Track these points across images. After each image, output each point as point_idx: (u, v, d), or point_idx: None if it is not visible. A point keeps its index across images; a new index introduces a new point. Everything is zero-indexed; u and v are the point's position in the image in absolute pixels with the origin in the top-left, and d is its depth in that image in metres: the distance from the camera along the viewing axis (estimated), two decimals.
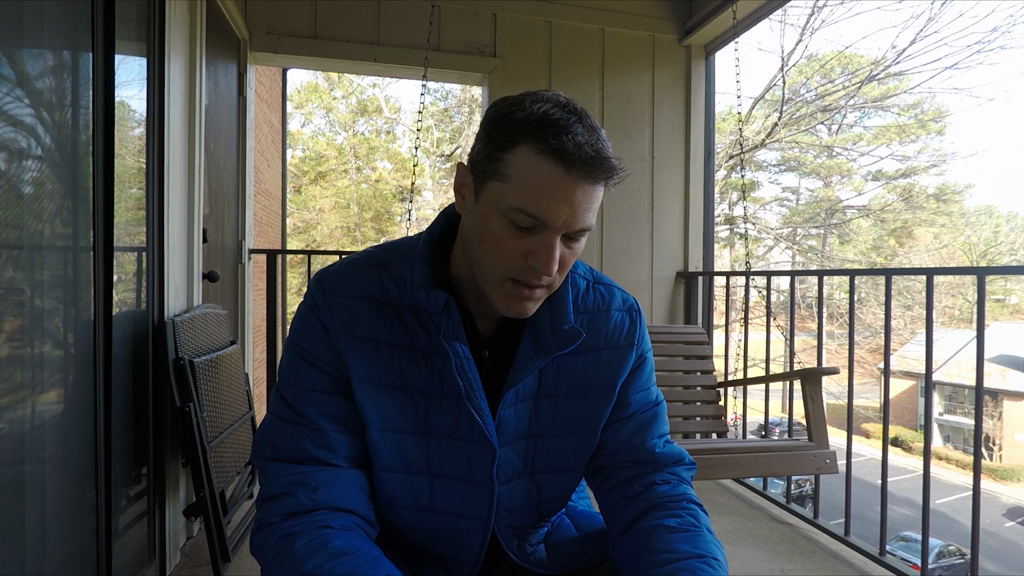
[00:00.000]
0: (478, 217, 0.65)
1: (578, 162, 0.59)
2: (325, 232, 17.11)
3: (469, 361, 0.68)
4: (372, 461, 0.70)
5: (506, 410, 0.71)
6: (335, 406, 0.68)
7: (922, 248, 21.18)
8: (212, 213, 2.27)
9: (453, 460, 0.70)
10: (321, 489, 0.65)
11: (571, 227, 0.61)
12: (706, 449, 1.73)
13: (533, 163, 0.59)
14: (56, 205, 1.19)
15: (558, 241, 0.62)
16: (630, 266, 3.18)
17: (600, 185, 0.62)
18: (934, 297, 1.89)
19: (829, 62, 17.99)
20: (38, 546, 1.08)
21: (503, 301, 0.66)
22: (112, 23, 1.32)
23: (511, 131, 0.61)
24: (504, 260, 0.63)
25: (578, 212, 0.61)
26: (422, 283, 0.67)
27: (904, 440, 17.23)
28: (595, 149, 0.59)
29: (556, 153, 0.58)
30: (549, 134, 0.59)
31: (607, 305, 0.77)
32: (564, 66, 3.10)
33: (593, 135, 0.60)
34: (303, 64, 3.09)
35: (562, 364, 0.73)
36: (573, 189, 0.60)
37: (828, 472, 1.77)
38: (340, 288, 0.69)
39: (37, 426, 1.11)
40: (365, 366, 0.68)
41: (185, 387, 1.65)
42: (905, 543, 9.85)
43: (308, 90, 17.48)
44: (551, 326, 0.71)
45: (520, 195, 0.60)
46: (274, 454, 0.68)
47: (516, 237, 0.62)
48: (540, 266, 0.62)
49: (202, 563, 1.81)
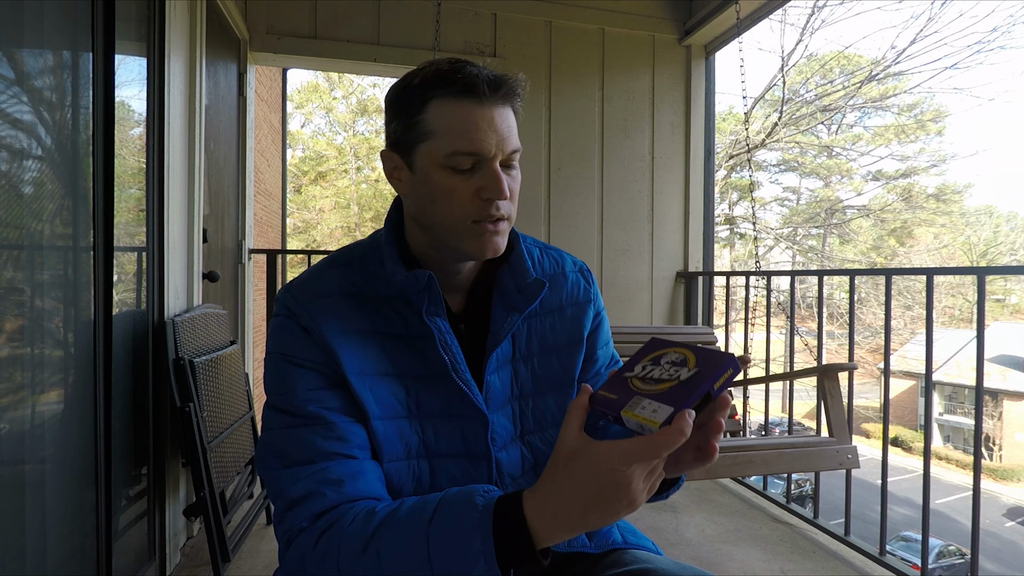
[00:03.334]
0: (422, 183, 0.68)
1: (486, 89, 0.65)
2: (325, 232, 17.12)
3: (451, 335, 0.70)
4: (378, 454, 0.70)
5: (491, 376, 0.72)
6: (337, 400, 0.67)
7: (922, 248, 21.18)
8: (212, 213, 2.27)
9: (449, 438, 0.71)
10: (347, 482, 0.63)
11: (504, 151, 0.66)
12: (732, 447, 1.72)
13: (448, 108, 0.65)
14: (56, 205, 1.19)
15: (499, 168, 0.67)
16: (630, 266, 3.18)
17: (509, 106, 0.68)
18: (934, 297, 1.89)
19: (829, 62, 18.00)
20: (38, 546, 1.08)
21: (475, 245, 0.68)
22: (112, 23, 1.32)
23: (418, 94, 0.66)
24: (461, 206, 0.67)
25: (504, 135, 0.66)
26: (397, 266, 0.70)
27: (904, 440, 17.22)
28: (493, 75, 0.66)
29: (464, 90, 0.65)
30: (452, 79, 0.65)
31: (562, 268, 0.82)
32: (564, 66, 3.10)
33: (485, 68, 0.66)
34: (303, 64, 3.09)
35: (532, 326, 0.77)
36: (491, 115, 0.65)
37: (851, 466, 1.81)
38: (312, 290, 0.71)
39: (37, 426, 1.11)
40: (356, 358, 0.68)
41: (185, 387, 1.65)
42: (905, 543, 9.85)
43: (308, 90, 17.49)
44: (515, 285, 0.74)
45: (450, 140, 0.65)
46: (285, 463, 0.65)
47: (462, 180, 0.66)
48: (494, 194, 0.66)
49: (202, 563, 1.81)
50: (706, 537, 2.13)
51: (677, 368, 0.54)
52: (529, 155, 3.06)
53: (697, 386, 0.51)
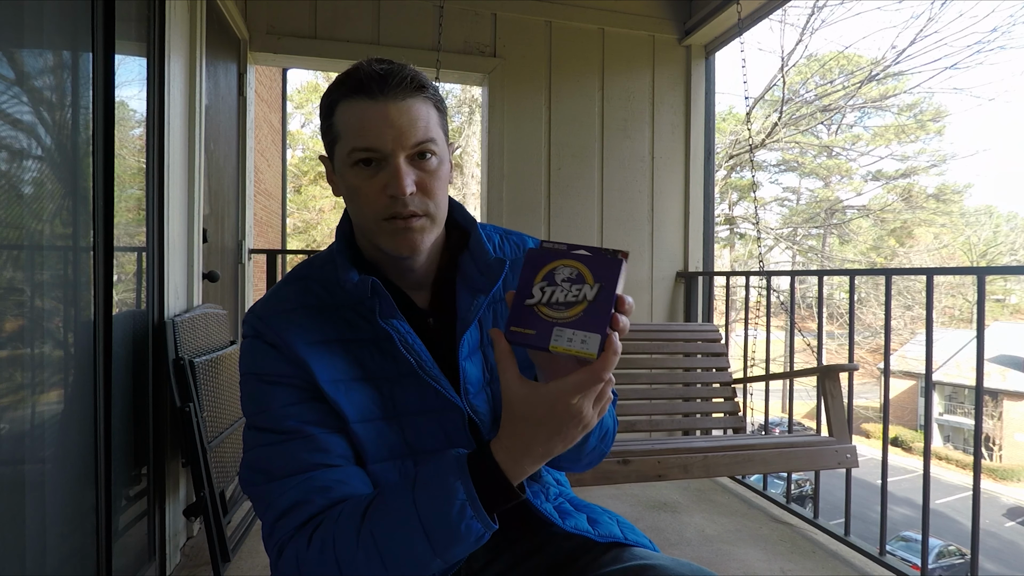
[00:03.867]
0: (342, 185, 0.70)
1: (375, 85, 0.65)
2: (325, 232, 17.12)
3: (412, 335, 0.70)
4: (362, 457, 0.70)
5: (465, 362, 0.72)
6: (314, 412, 0.67)
7: (922, 248, 21.18)
8: (212, 213, 2.27)
9: (430, 434, 0.71)
10: (335, 488, 0.64)
11: (405, 144, 0.66)
12: (732, 446, 1.74)
13: (348, 110, 0.66)
14: (56, 205, 1.19)
15: (403, 163, 0.66)
16: (630, 266, 3.17)
17: (412, 97, 0.67)
18: (934, 297, 1.89)
19: (829, 62, 17.99)
20: (38, 546, 1.08)
21: (390, 242, 0.69)
22: (112, 23, 1.32)
23: (327, 101, 0.69)
24: (370, 204, 0.67)
25: (404, 128, 0.65)
26: (348, 274, 0.70)
27: (904, 440, 17.22)
28: (385, 68, 0.65)
29: (356, 89, 0.66)
30: (346, 80, 0.67)
31: (524, 251, 0.81)
32: (564, 66, 3.10)
33: (385, 63, 0.66)
34: (303, 64, 3.09)
35: (498, 311, 0.77)
36: (385, 110, 0.65)
37: (850, 465, 1.83)
38: (274, 308, 0.71)
39: (37, 426, 1.11)
40: (327, 366, 0.68)
41: (185, 387, 1.65)
42: (905, 543, 9.84)
43: (308, 90, 17.48)
44: (477, 269, 0.74)
45: (350, 139, 0.66)
46: (269, 479, 0.65)
47: (367, 178, 0.67)
48: (394, 191, 0.66)
49: (202, 563, 1.81)
50: (706, 537, 2.13)
51: (578, 286, 0.55)
52: (529, 155, 3.06)
53: (608, 303, 0.54)
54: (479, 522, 0.56)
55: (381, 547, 0.58)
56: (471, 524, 0.56)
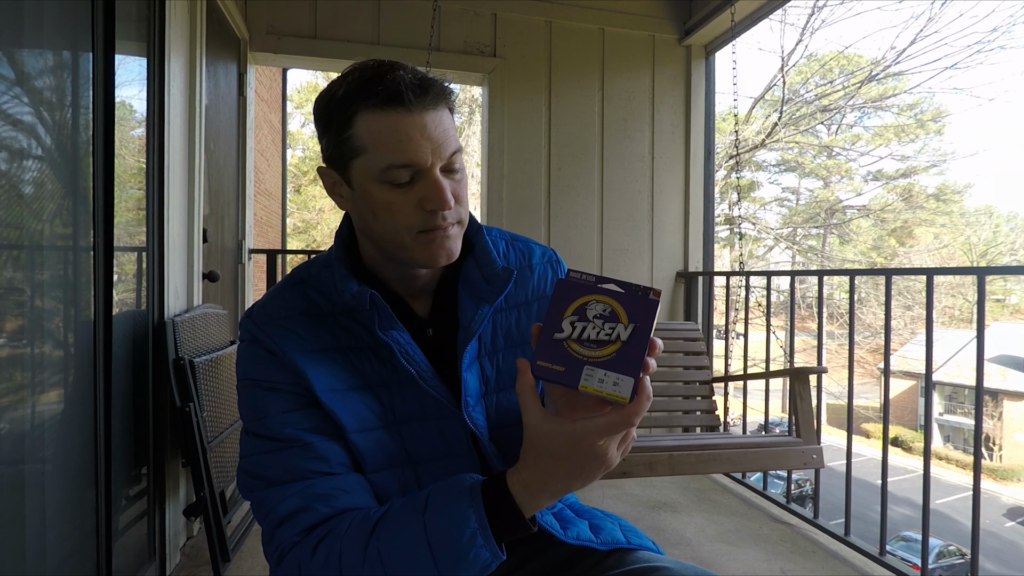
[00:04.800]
0: (362, 199, 0.66)
1: (410, 95, 0.61)
2: (325, 232, 17.12)
3: (412, 345, 0.69)
4: (361, 466, 0.70)
5: (466, 372, 0.71)
6: (311, 419, 0.67)
7: (922, 248, 21.17)
8: (212, 213, 2.27)
9: (429, 441, 0.70)
10: (336, 496, 0.63)
11: (442, 157, 0.64)
12: (698, 445, 1.77)
13: (375, 121, 0.62)
14: (56, 205, 1.19)
15: (440, 176, 0.64)
16: (630, 266, 3.18)
17: (442, 108, 0.64)
18: (934, 297, 1.89)
19: (829, 62, 17.99)
20: (38, 546, 1.08)
21: (424, 255, 0.67)
22: (112, 23, 1.32)
23: (342, 108, 0.63)
24: (403, 219, 0.65)
25: (439, 140, 0.63)
26: (346, 284, 0.68)
27: (904, 440, 17.22)
28: (417, 78, 0.62)
29: (388, 100, 0.61)
30: (373, 90, 0.61)
31: (529, 260, 0.80)
32: (564, 66, 3.10)
33: (408, 71, 0.63)
34: (303, 64, 3.10)
35: (497, 321, 0.75)
36: (422, 122, 0.62)
37: (816, 466, 1.87)
38: (271, 314, 0.70)
39: (37, 426, 1.11)
40: (324, 375, 0.67)
41: (185, 387, 1.65)
42: (905, 543, 9.84)
43: (308, 90, 17.48)
44: (482, 276, 0.73)
45: (382, 155, 0.62)
46: (268, 484, 0.65)
47: (402, 194, 0.64)
48: (437, 205, 0.63)
49: (202, 563, 1.81)
50: (706, 537, 2.13)
51: (611, 324, 0.53)
52: (529, 155, 3.06)
53: (642, 345, 0.52)
54: (488, 551, 0.56)
55: (387, 566, 0.57)
56: (480, 552, 0.55)
